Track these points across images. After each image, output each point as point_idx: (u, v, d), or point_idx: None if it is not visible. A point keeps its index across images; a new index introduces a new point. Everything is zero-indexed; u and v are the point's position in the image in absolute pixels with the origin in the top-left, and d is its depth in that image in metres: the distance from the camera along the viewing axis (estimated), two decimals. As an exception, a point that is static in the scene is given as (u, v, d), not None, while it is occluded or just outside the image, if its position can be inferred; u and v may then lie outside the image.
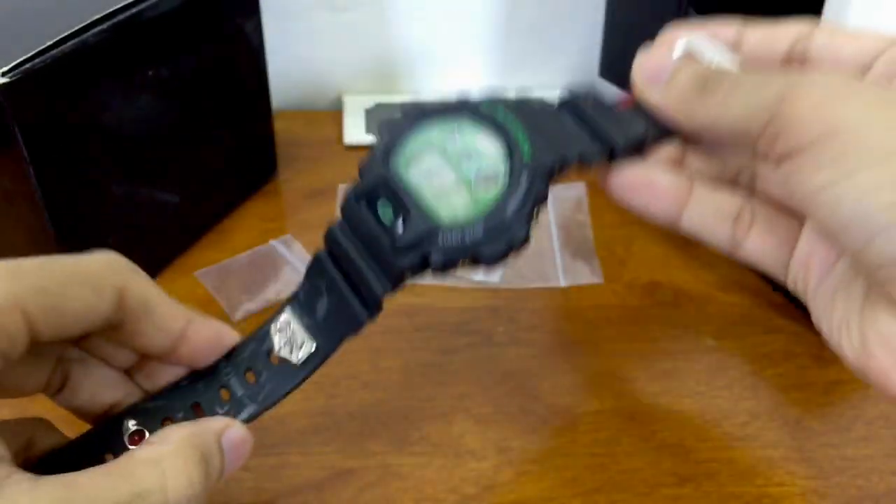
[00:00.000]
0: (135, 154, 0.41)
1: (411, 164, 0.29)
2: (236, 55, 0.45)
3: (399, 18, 0.57)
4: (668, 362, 0.41)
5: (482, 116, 0.29)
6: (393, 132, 0.29)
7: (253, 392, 0.30)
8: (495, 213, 0.27)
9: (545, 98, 0.30)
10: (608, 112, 0.31)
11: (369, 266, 0.29)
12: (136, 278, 0.28)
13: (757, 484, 0.36)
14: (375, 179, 0.28)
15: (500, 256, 0.28)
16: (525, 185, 0.28)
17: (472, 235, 0.27)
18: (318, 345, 0.30)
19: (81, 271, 0.27)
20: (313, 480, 0.36)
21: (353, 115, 0.57)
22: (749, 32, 0.30)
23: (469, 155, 0.29)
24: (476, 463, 0.37)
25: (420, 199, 0.28)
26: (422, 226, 0.27)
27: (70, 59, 0.35)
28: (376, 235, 0.28)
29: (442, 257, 0.27)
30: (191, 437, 0.27)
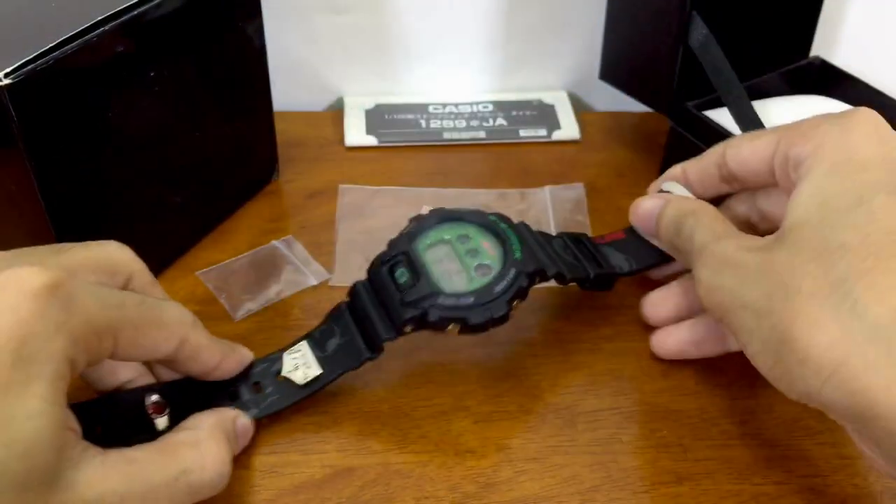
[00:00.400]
0: (137, 155, 0.41)
1: (428, 249, 0.38)
2: (238, 56, 0.45)
3: (399, 20, 0.57)
4: (666, 362, 0.41)
5: (489, 226, 0.39)
6: (420, 223, 0.39)
7: (256, 400, 0.37)
8: (485, 290, 0.36)
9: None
10: (592, 248, 0.42)
11: (380, 316, 0.37)
12: (198, 331, 0.34)
13: (755, 482, 0.36)
14: (399, 251, 0.38)
15: (483, 324, 0.36)
16: (512, 277, 0.37)
17: (464, 302, 0.36)
18: (322, 372, 0.37)
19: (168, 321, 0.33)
20: (314, 479, 0.36)
21: (354, 116, 0.57)
22: (689, 167, 0.41)
23: (473, 253, 0.38)
24: (476, 461, 0.37)
25: (430, 273, 0.37)
26: (426, 289, 0.36)
27: (72, 60, 0.36)
28: (390, 293, 0.36)
29: (437, 315, 0.36)
30: (219, 423, 0.34)
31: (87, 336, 0.29)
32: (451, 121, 0.57)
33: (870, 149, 0.34)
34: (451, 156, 0.55)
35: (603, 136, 0.57)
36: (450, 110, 0.58)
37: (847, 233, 0.31)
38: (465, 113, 0.58)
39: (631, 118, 0.56)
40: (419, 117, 0.57)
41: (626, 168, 0.54)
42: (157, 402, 0.34)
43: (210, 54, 0.43)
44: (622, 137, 0.57)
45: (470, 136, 0.56)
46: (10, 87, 0.34)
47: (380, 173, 0.53)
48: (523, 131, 0.56)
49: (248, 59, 0.46)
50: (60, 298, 0.28)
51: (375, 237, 0.48)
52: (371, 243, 0.47)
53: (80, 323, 0.29)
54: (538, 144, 0.56)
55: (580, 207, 0.50)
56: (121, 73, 0.38)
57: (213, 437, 0.33)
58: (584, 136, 0.56)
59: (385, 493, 0.35)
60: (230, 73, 0.45)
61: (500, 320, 0.36)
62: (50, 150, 0.36)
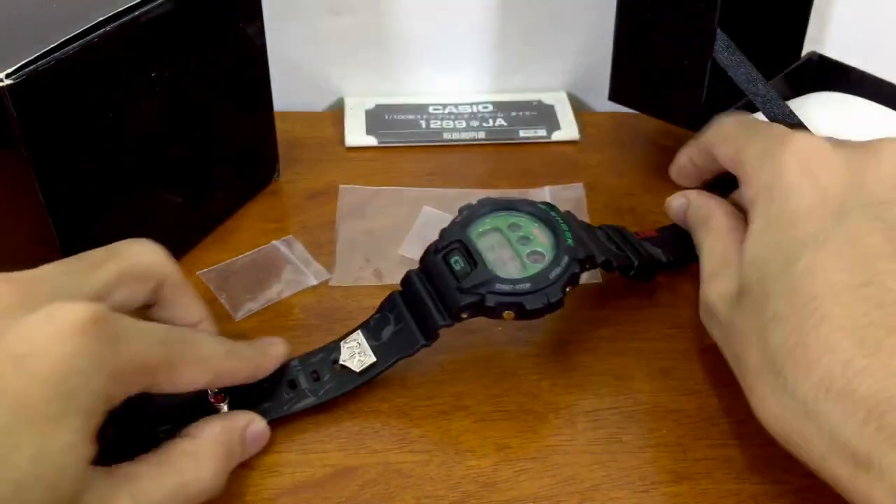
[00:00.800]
0: (138, 155, 0.41)
1: (481, 237, 0.38)
2: (238, 56, 0.46)
3: (399, 20, 0.57)
4: (665, 361, 0.41)
5: (538, 214, 0.39)
6: (472, 212, 0.39)
7: (315, 388, 0.38)
8: (540, 276, 0.37)
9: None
10: (632, 239, 0.43)
11: (434, 304, 0.37)
12: (229, 361, 0.35)
13: (754, 482, 0.36)
14: (454, 238, 0.38)
15: (539, 310, 0.36)
16: (565, 263, 0.37)
17: (520, 288, 0.36)
18: (377, 360, 0.38)
19: (201, 356, 0.33)
20: (314, 478, 0.36)
21: (354, 116, 0.57)
22: (693, 155, 0.43)
23: (525, 240, 0.38)
24: (476, 461, 0.37)
25: (485, 260, 0.37)
26: (484, 275, 0.37)
27: (73, 60, 0.36)
28: (446, 279, 0.37)
29: (495, 301, 0.36)
30: (220, 434, 0.34)
31: (128, 374, 0.30)
32: (451, 121, 0.57)
33: (801, 196, 0.34)
34: (450, 156, 0.55)
35: (603, 136, 0.57)
36: (450, 111, 0.58)
37: (778, 302, 0.32)
38: (464, 113, 0.58)
39: (631, 118, 0.56)
40: (419, 118, 0.57)
41: (626, 168, 0.54)
42: (217, 393, 0.36)
43: (210, 55, 0.43)
44: (622, 137, 0.57)
45: (470, 137, 0.56)
46: (12, 88, 0.34)
47: (380, 173, 0.53)
48: (523, 132, 0.56)
49: (249, 59, 0.46)
50: (105, 335, 0.29)
51: (375, 237, 0.48)
52: (371, 243, 0.48)
53: (123, 361, 0.29)
54: (538, 145, 0.56)
55: (580, 207, 0.50)
56: (121, 73, 0.38)
57: (212, 450, 0.33)
58: (583, 137, 0.56)
59: (385, 493, 0.36)
60: (230, 73, 0.45)
61: (555, 306, 0.37)
62: (51, 151, 0.37)
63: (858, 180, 0.33)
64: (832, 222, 0.32)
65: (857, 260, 0.31)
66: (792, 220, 0.33)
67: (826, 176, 0.34)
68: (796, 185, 0.34)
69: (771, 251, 0.33)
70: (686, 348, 0.42)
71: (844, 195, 0.33)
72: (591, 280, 0.46)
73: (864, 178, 0.33)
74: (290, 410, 0.37)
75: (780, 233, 0.33)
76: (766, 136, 0.37)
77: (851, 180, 0.33)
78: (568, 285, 0.37)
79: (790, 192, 0.34)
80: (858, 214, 0.32)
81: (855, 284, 0.30)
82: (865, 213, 0.32)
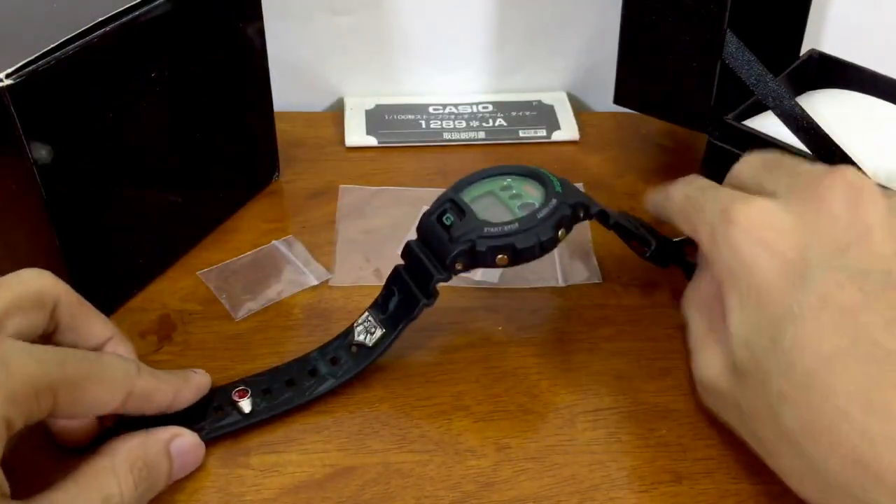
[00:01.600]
0: (138, 155, 0.41)
1: (473, 199, 0.39)
2: (239, 57, 0.46)
3: (399, 20, 0.57)
4: (665, 361, 0.41)
5: (530, 173, 0.40)
6: (464, 179, 0.40)
7: (334, 371, 0.39)
8: (529, 217, 0.37)
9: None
10: (646, 224, 0.43)
11: (430, 261, 0.38)
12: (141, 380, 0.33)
13: (753, 481, 0.36)
14: (445, 199, 0.39)
15: (531, 249, 0.37)
16: (554, 205, 0.37)
17: (509, 230, 0.37)
18: (385, 331, 0.39)
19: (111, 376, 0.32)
20: (314, 478, 0.36)
21: (354, 116, 0.57)
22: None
23: (517, 196, 0.39)
24: (476, 461, 0.37)
25: (475, 211, 0.38)
26: (472, 223, 0.37)
27: (74, 60, 0.36)
28: (438, 235, 0.38)
29: (485, 245, 0.36)
30: (137, 449, 0.33)
31: (25, 396, 0.28)
32: (451, 121, 0.57)
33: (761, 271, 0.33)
34: (450, 156, 0.55)
35: (603, 136, 0.57)
36: (450, 111, 0.58)
37: (779, 381, 0.31)
38: (464, 113, 0.58)
39: (631, 118, 0.56)
40: (419, 118, 0.57)
41: (625, 168, 0.54)
42: (241, 389, 0.38)
43: (211, 55, 0.43)
44: (622, 138, 0.57)
45: (470, 137, 0.56)
46: (12, 88, 0.34)
47: (380, 173, 0.53)
48: (523, 132, 0.56)
49: (249, 59, 0.46)
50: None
51: (375, 237, 0.48)
52: (371, 243, 0.48)
53: (17, 383, 0.28)
54: (538, 145, 0.56)
55: (580, 207, 0.50)
56: (122, 73, 0.38)
57: (130, 464, 0.32)
58: (583, 137, 0.56)
59: (385, 493, 0.36)
60: (231, 73, 0.45)
61: (546, 244, 0.37)
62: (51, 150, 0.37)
63: (811, 235, 0.32)
64: (800, 290, 0.31)
65: (837, 322, 0.30)
66: (761, 297, 0.32)
67: (779, 242, 0.33)
68: (754, 262, 0.33)
69: (753, 330, 0.33)
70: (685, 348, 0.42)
71: (802, 257, 0.32)
72: (591, 280, 0.46)
73: (815, 230, 0.33)
74: (311, 395, 0.38)
75: (756, 311, 0.32)
76: (711, 212, 0.36)
77: (805, 238, 0.32)
78: (560, 227, 0.37)
79: (751, 270, 0.33)
80: (822, 273, 0.31)
81: (845, 348, 0.30)
82: (828, 269, 0.31)
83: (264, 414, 0.38)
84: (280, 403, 0.38)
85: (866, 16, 0.58)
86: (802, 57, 0.52)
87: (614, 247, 0.47)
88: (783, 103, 0.44)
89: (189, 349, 0.41)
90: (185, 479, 0.36)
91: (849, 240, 0.32)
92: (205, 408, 0.37)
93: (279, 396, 0.38)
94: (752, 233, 0.33)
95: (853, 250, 0.32)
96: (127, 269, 0.43)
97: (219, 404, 0.38)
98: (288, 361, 0.40)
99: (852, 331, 0.30)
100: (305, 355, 0.40)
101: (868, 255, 0.32)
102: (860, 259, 0.32)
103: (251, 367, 0.40)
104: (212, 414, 0.37)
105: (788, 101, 0.44)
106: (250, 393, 0.38)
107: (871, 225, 0.32)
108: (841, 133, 0.44)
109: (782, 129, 0.44)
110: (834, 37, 0.58)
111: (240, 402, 0.38)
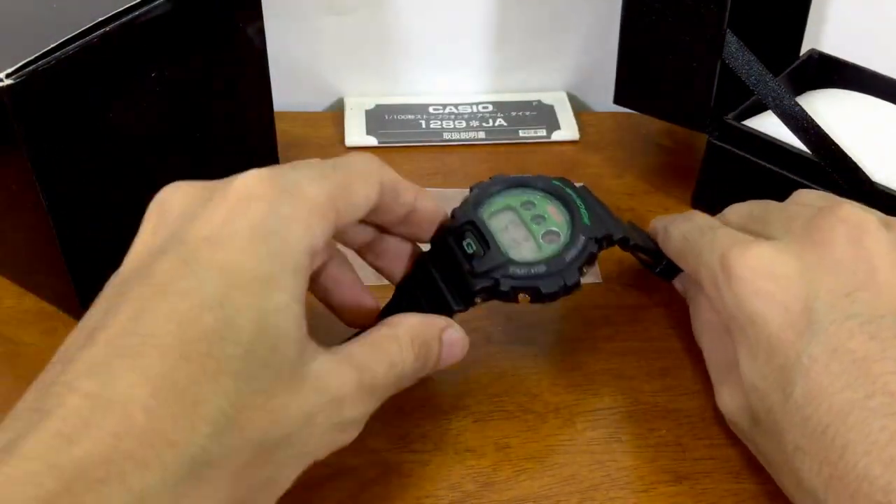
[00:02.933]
0: (138, 155, 0.41)
1: (493, 217, 0.37)
2: (238, 57, 0.46)
3: (399, 20, 0.57)
4: (665, 361, 0.41)
5: (553, 191, 0.38)
6: (483, 190, 0.38)
7: None
8: (556, 259, 0.35)
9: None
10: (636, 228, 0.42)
11: (448, 288, 0.36)
12: (387, 170, 0.34)
13: (753, 481, 0.36)
14: (465, 220, 0.36)
15: (555, 293, 0.35)
16: (582, 243, 0.36)
17: (535, 271, 0.35)
18: None
19: (362, 171, 0.32)
20: (314, 477, 0.36)
21: (354, 116, 0.57)
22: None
23: (539, 219, 0.37)
24: (475, 460, 0.37)
25: (498, 242, 0.36)
26: (498, 258, 0.35)
27: (74, 60, 0.36)
28: (459, 263, 0.36)
29: (509, 285, 0.35)
30: (418, 326, 0.34)
31: (317, 219, 0.30)
32: (451, 121, 0.57)
33: (766, 322, 0.32)
34: (450, 156, 0.55)
35: (602, 136, 0.57)
36: (450, 111, 0.58)
37: (794, 434, 0.30)
38: (464, 113, 0.58)
39: (630, 118, 0.56)
40: (419, 118, 0.57)
41: (625, 168, 0.54)
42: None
43: (211, 55, 0.43)
44: (622, 138, 0.57)
45: (470, 137, 0.56)
46: (12, 88, 0.34)
47: (380, 173, 0.53)
48: (523, 132, 0.56)
49: (249, 59, 0.46)
50: (280, 189, 0.29)
51: (375, 237, 0.48)
52: (371, 243, 0.48)
53: (308, 210, 0.29)
54: (538, 145, 0.56)
55: (580, 207, 0.50)
56: (121, 73, 0.38)
57: (411, 338, 0.33)
58: (583, 137, 0.56)
59: (385, 493, 0.36)
60: (230, 73, 0.45)
61: (572, 288, 0.36)
62: (51, 150, 0.37)
63: (815, 281, 0.31)
64: (808, 341, 0.31)
65: (849, 373, 0.29)
66: (769, 350, 0.32)
67: (782, 293, 0.32)
68: (758, 314, 0.32)
69: (764, 382, 0.32)
70: (686, 348, 0.42)
71: (808, 307, 0.31)
72: (591, 280, 0.46)
73: (819, 276, 0.32)
74: None
75: (765, 363, 0.32)
76: (710, 257, 0.35)
77: (809, 286, 0.31)
78: (585, 265, 0.36)
79: (756, 323, 0.32)
80: (829, 322, 0.30)
81: (859, 400, 0.29)
82: (835, 317, 0.31)
83: None
84: None
85: (866, 16, 0.58)
86: (802, 57, 0.52)
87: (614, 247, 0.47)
88: (783, 103, 0.44)
89: (189, 349, 0.41)
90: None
91: (855, 284, 0.31)
92: None
93: None
94: (754, 284, 0.32)
95: (860, 294, 0.31)
96: (127, 268, 0.43)
97: None
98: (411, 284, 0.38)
99: (866, 382, 0.29)
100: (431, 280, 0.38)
101: (876, 299, 0.31)
102: (868, 304, 0.31)
103: (251, 367, 0.40)
104: None
105: (788, 101, 0.44)
106: None
107: (877, 266, 0.31)
108: (841, 133, 0.44)
109: (782, 129, 0.44)
110: (834, 37, 0.58)
111: None
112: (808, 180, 0.44)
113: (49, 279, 0.42)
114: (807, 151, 0.44)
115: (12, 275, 0.45)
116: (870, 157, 0.44)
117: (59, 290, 0.42)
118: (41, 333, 0.42)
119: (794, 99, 0.45)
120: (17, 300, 0.44)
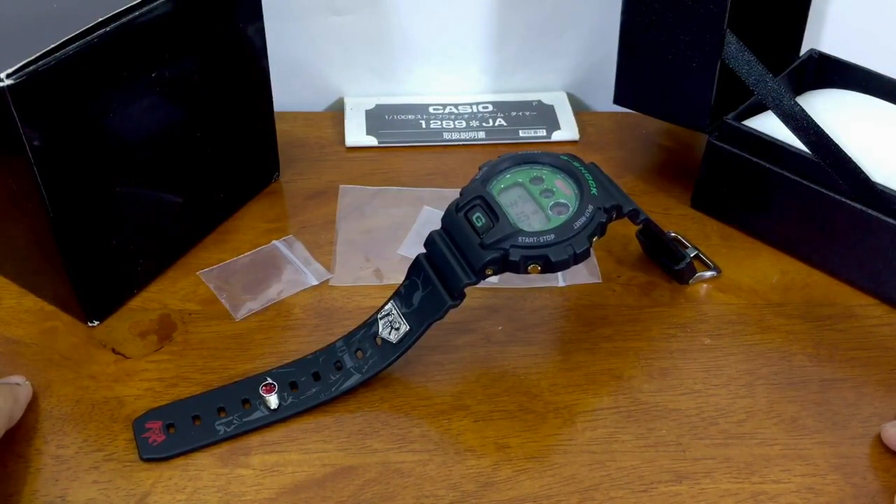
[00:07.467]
0: (138, 155, 0.41)
1: (502, 192, 0.38)
2: (239, 57, 0.46)
3: (399, 20, 0.57)
4: (665, 361, 0.41)
5: (562, 166, 0.38)
6: (492, 167, 0.39)
7: (359, 365, 0.39)
8: (565, 227, 0.36)
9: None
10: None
11: (458, 262, 0.37)
12: None
13: (753, 481, 0.36)
14: (474, 195, 0.37)
15: (565, 261, 0.36)
16: (590, 212, 0.36)
17: (545, 240, 0.36)
18: (411, 327, 0.38)
19: None
20: (314, 477, 0.36)
21: (354, 116, 0.57)
22: None
23: (548, 193, 0.38)
24: (475, 460, 0.37)
25: (507, 214, 0.36)
26: (506, 229, 0.36)
27: (74, 61, 0.36)
28: (468, 236, 0.36)
29: (519, 254, 0.35)
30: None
31: None
32: (451, 121, 0.57)
33: None
34: (450, 156, 0.55)
35: (602, 136, 0.57)
36: (450, 111, 0.58)
37: None
38: (464, 113, 0.58)
39: (631, 118, 0.56)
40: (419, 118, 0.57)
41: (625, 168, 0.54)
42: (268, 384, 0.39)
43: (211, 55, 0.43)
44: (621, 138, 0.57)
45: (470, 137, 0.56)
46: (13, 88, 0.34)
47: (380, 173, 0.53)
48: (523, 132, 0.56)
49: (249, 59, 0.46)
50: None
51: (375, 237, 0.48)
52: (371, 243, 0.48)
53: None
54: (538, 145, 0.56)
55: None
56: (122, 73, 0.38)
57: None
58: (583, 137, 0.56)
59: (385, 492, 0.36)
60: (231, 73, 0.45)
61: (581, 256, 0.36)
62: (51, 150, 0.37)
63: None
64: None
65: None
66: None
67: None
68: None
69: None
70: (686, 348, 0.42)
71: None
72: (590, 280, 0.46)
73: None
74: (337, 392, 0.38)
75: None
76: None
77: None
78: (594, 235, 0.36)
79: None
80: None
81: None
82: None
83: (290, 410, 0.38)
84: (306, 399, 0.38)
85: (866, 16, 0.58)
86: (802, 57, 0.52)
87: (614, 247, 0.47)
88: (783, 103, 0.44)
89: (189, 349, 0.41)
90: (186, 479, 0.36)
91: None
92: (233, 400, 0.38)
93: (305, 392, 0.38)
94: None
95: None
96: (127, 268, 0.43)
97: (246, 397, 0.38)
98: (315, 351, 0.40)
99: None
100: (331, 345, 0.40)
101: None
102: None
103: (251, 367, 0.40)
104: (240, 407, 0.38)
105: (788, 101, 0.44)
106: (277, 388, 0.38)
107: None
108: (841, 133, 0.44)
109: (782, 129, 0.44)
110: (834, 37, 0.58)
111: (267, 397, 0.38)
112: (808, 180, 0.44)
113: (49, 279, 0.42)
114: (807, 151, 0.44)
115: (12, 275, 0.45)
116: (870, 157, 0.44)
117: (59, 290, 0.42)
118: (41, 333, 0.42)
119: (794, 99, 0.45)
120: (17, 300, 0.44)
